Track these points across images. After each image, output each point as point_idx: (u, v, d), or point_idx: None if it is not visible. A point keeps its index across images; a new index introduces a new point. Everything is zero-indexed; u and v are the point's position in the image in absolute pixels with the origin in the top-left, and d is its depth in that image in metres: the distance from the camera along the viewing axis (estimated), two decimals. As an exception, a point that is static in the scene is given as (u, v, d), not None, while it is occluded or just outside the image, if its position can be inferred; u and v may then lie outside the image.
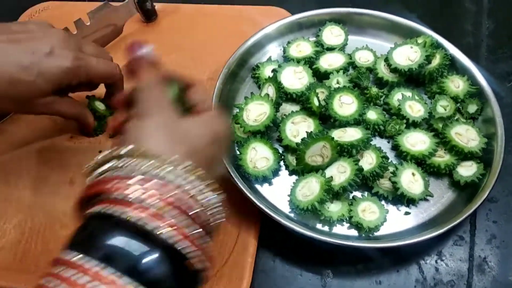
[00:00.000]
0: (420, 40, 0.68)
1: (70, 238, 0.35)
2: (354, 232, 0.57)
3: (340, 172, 0.57)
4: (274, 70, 0.67)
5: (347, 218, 0.57)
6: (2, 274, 0.56)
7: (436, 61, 0.67)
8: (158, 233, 0.33)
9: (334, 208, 0.57)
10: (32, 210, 0.61)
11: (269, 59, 0.71)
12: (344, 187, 0.56)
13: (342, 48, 0.72)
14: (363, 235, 0.56)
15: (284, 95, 0.64)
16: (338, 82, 0.67)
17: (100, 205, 0.35)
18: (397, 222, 0.57)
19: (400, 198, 0.58)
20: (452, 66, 0.68)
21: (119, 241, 0.32)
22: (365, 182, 0.59)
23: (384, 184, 0.59)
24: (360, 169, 0.57)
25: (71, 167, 0.64)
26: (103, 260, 0.31)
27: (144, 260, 0.32)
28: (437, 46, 0.69)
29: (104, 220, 0.34)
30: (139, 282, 0.31)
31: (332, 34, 0.73)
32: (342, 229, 0.57)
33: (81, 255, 0.32)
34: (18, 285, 0.55)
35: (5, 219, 0.60)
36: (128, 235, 0.33)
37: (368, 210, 0.57)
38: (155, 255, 0.32)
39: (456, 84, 0.66)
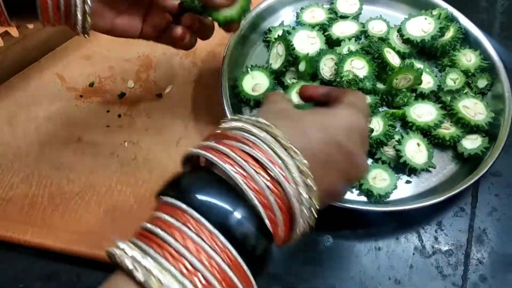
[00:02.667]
0: (435, 12, 0.68)
1: (169, 183, 0.35)
2: (363, 199, 0.58)
3: None
4: (285, 30, 0.66)
5: (357, 186, 0.58)
6: (9, 226, 0.57)
7: (449, 34, 0.67)
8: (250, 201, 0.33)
9: None
10: (39, 164, 0.62)
11: (282, 24, 0.71)
12: None
13: (356, 17, 0.71)
14: (373, 201, 0.57)
15: (292, 58, 0.64)
16: (349, 50, 0.66)
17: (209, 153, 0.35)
18: (397, 189, 0.58)
19: (402, 167, 0.58)
20: (465, 40, 0.67)
21: (213, 196, 0.33)
22: (369, 148, 0.59)
23: (388, 151, 0.59)
24: (371, 130, 0.57)
25: (79, 125, 0.65)
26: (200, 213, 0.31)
27: (234, 216, 0.32)
28: (451, 19, 0.68)
29: (204, 173, 0.35)
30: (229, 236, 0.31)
31: (347, 2, 0.72)
32: (352, 196, 0.58)
33: (184, 205, 0.32)
34: (24, 237, 0.56)
35: (12, 173, 0.61)
36: (222, 191, 0.33)
37: (379, 177, 0.58)
38: (244, 212, 0.32)
39: (468, 58, 0.65)
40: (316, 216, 0.36)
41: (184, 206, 0.31)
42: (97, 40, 0.72)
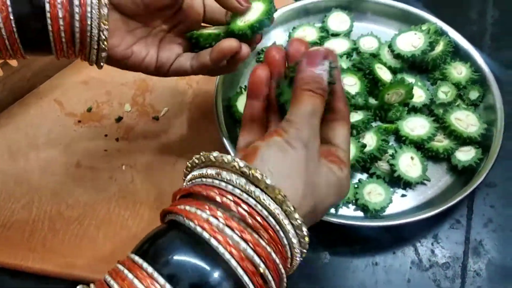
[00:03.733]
0: (424, 27, 0.69)
1: (142, 242, 0.34)
2: (360, 214, 0.58)
3: None
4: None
5: (353, 201, 0.59)
6: (10, 252, 0.58)
7: (439, 48, 0.68)
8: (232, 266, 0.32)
9: None
10: (39, 190, 0.63)
11: (274, 44, 0.72)
12: (353, 165, 0.57)
13: (347, 34, 0.73)
14: (369, 216, 0.58)
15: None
16: (341, 67, 0.67)
17: (185, 207, 0.34)
18: (393, 203, 0.58)
19: (397, 181, 0.59)
20: (456, 53, 0.68)
21: (187, 259, 0.32)
22: (363, 163, 0.59)
23: (382, 166, 0.60)
24: (364, 145, 0.58)
25: (78, 150, 0.66)
26: (168, 278, 0.31)
27: (209, 281, 0.31)
28: (441, 33, 0.69)
29: (179, 231, 0.33)
30: None
31: (338, 20, 0.73)
32: (348, 211, 0.59)
33: (149, 267, 0.31)
34: (26, 263, 0.57)
35: (14, 199, 0.62)
36: (196, 254, 0.32)
37: (374, 192, 0.58)
38: (219, 276, 0.31)
39: (458, 71, 0.66)
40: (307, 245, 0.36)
41: (150, 269, 0.31)
42: (94, 66, 0.73)
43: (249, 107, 0.43)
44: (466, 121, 0.61)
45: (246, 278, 0.31)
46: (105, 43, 0.45)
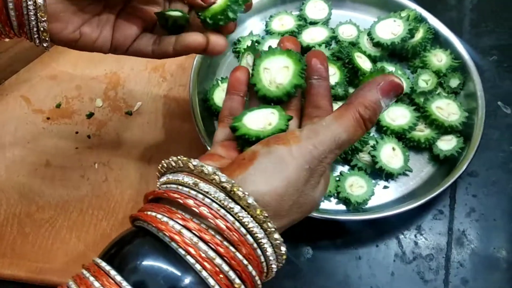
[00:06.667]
0: (403, 14, 0.67)
1: (109, 246, 0.32)
2: (342, 207, 0.57)
3: None
4: (253, 41, 0.65)
5: (335, 194, 0.57)
6: (-21, 257, 0.55)
7: (419, 35, 0.66)
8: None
9: None
10: (6, 192, 0.60)
11: (251, 33, 0.70)
12: None
13: (325, 22, 0.71)
14: (351, 209, 0.56)
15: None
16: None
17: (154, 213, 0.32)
18: (375, 196, 0.57)
19: (379, 172, 0.57)
20: (436, 40, 0.67)
21: (157, 265, 0.30)
22: (344, 155, 0.58)
23: (364, 157, 0.59)
24: None
25: (48, 149, 0.63)
26: (136, 285, 0.29)
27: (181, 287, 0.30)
28: (420, 20, 0.67)
29: (148, 236, 0.32)
30: None
31: (316, 8, 0.71)
32: (330, 205, 0.57)
33: (117, 275, 0.29)
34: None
35: (-19, 201, 0.59)
36: (166, 259, 0.30)
37: (355, 185, 0.57)
38: (190, 281, 0.30)
39: (438, 58, 0.65)
40: (284, 253, 0.34)
41: (118, 277, 0.29)
42: (63, 59, 0.70)
43: (228, 101, 0.43)
44: (447, 109, 0.60)
45: None
46: (44, 34, 0.41)
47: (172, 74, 0.69)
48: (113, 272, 0.29)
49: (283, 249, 0.33)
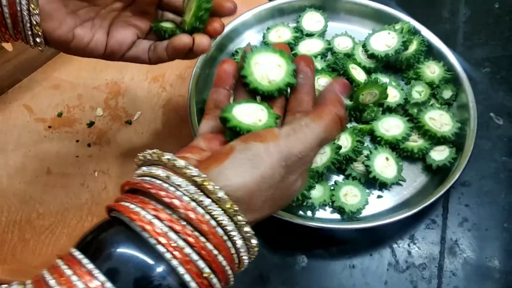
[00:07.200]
0: (397, 26, 0.69)
1: (85, 235, 0.33)
2: (336, 216, 0.58)
3: (321, 154, 0.58)
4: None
5: (330, 203, 0.58)
6: (-20, 263, 0.56)
7: (413, 47, 0.68)
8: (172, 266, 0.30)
9: (316, 194, 0.58)
10: (8, 199, 0.61)
11: (248, 45, 0.71)
12: (328, 167, 0.57)
13: (321, 34, 0.72)
14: (346, 218, 0.57)
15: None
16: (315, 68, 0.67)
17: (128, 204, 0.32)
18: (369, 205, 0.58)
19: (373, 182, 0.59)
20: (429, 52, 0.69)
21: (131, 253, 0.30)
22: (338, 165, 0.59)
23: (358, 167, 0.60)
24: (339, 147, 0.58)
25: (49, 156, 0.64)
26: (109, 272, 0.29)
27: (153, 275, 0.30)
28: (414, 32, 0.69)
29: (123, 226, 0.32)
30: None
31: (312, 20, 0.73)
32: (325, 213, 0.58)
33: (89, 263, 0.30)
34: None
35: (-18, 208, 0.60)
36: (139, 249, 0.31)
37: (350, 194, 0.58)
38: (163, 270, 0.30)
39: (432, 70, 0.66)
40: (255, 245, 0.34)
41: (90, 265, 0.29)
42: (65, 68, 0.72)
43: (215, 93, 0.43)
44: (440, 120, 0.61)
45: (187, 277, 0.30)
46: (37, 28, 0.42)
47: (171, 84, 0.70)
48: (85, 261, 0.30)
49: (254, 241, 0.34)
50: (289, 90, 0.43)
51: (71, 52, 0.46)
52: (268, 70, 0.42)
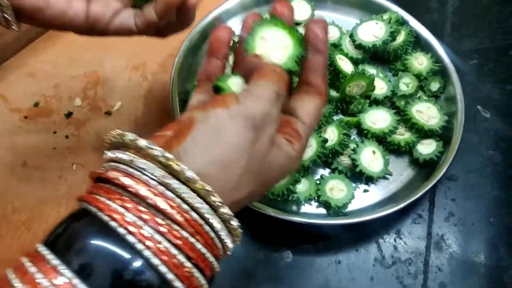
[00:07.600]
0: (385, 16, 0.67)
1: (54, 228, 0.30)
2: (322, 211, 0.57)
3: (306, 147, 0.57)
4: (235, 41, 0.65)
5: (315, 198, 0.57)
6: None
7: (400, 38, 0.67)
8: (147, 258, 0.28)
9: (302, 188, 0.57)
10: (-17, 191, 0.58)
11: (233, 34, 0.69)
12: (314, 161, 0.55)
13: (307, 23, 0.70)
14: (332, 213, 0.56)
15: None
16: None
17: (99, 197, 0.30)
18: (356, 199, 0.57)
19: (359, 176, 0.58)
20: (417, 43, 0.68)
21: (105, 246, 0.28)
22: (325, 158, 0.58)
23: (344, 160, 0.59)
24: (325, 140, 0.56)
25: (25, 148, 0.61)
26: (81, 268, 0.27)
27: (130, 269, 0.28)
28: (402, 22, 0.68)
29: (94, 218, 0.29)
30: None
31: (299, 8, 0.71)
32: (310, 208, 0.57)
33: (55, 259, 0.27)
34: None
35: (-45, 201, 0.58)
36: (114, 241, 0.28)
37: (336, 188, 0.57)
38: (141, 264, 0.28)
39: (419, 62, 0.65)
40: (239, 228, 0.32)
41: (55, 261, 0.27)
42: (41, 55, 0.69)
43: (207, 64, 0.40)
44: (427, 113, 0.61)
45: (163, 269, 0.28)
46: None
47: (152, 74, 0.68)
48: (50, 256, 0.27)
49: (234, 223, 0.31)
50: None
51: (49, 25, 0.41)
52: (272, 49, 0.38)
